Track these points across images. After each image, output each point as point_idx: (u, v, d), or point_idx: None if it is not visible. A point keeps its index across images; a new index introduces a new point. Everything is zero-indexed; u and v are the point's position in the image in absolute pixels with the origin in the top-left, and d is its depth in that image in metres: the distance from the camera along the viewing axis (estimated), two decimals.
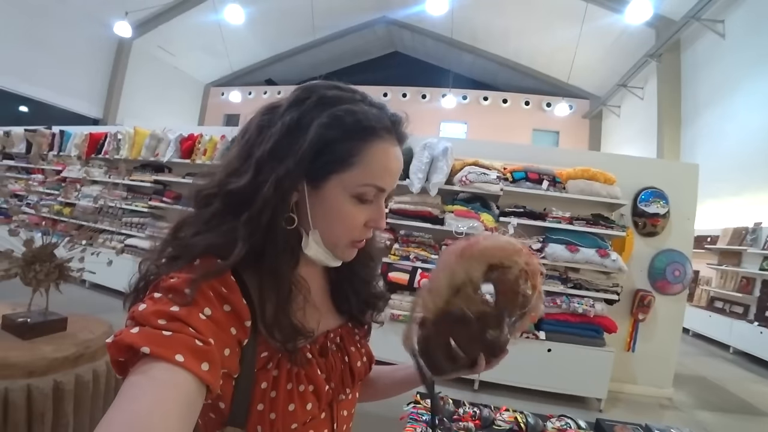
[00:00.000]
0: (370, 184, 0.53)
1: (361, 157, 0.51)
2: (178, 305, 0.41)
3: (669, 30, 7.50)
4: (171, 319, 0.40)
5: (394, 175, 0.56)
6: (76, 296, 4.26)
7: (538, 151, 4.80)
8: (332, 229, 0.54)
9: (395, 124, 0.55)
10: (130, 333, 0.38)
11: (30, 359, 1.50)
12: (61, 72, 9.42)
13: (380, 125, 0.53)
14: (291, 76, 13.88)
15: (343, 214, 0.53)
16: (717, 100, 7.00)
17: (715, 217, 6.58)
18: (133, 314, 0.41)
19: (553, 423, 1.39)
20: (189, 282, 0.43)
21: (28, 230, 1.82)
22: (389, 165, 0.54)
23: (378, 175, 0.53)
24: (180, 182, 4.60)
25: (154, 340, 0.37)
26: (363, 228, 0.55)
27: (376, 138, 0.52)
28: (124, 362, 0.38)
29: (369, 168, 0.52)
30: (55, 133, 5.62)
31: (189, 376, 0.37)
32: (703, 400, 3.66)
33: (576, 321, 3.21)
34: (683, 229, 3.63)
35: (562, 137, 11.68)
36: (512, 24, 9.98)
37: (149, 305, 0.41)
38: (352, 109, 0.51)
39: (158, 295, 0.43)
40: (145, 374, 0.36)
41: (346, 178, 0.52)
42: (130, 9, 9.16)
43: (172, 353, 0.37)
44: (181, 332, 0.39)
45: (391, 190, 0.56)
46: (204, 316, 0.42)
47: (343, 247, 0.56)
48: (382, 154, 0.53)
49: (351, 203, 0.53)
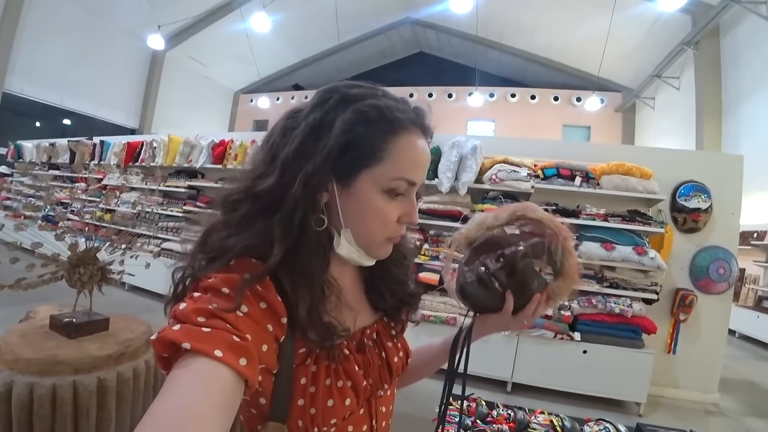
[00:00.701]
0: (402, 178, 0.52)
1: (389, 151, 0.51)
2: (216, 303, 0.43)
3: (707, 15, 7.13)
4: (210, 317, 0.41)
5: (423, 167, 0.55)
6: (116, 298, 4.47)
7: (570, 146, 4.66)
8: (366, 226, 0.54)
9: (419, 116, 0.55)
10: (172, 330, 0.40)
11: (76, 357, 1.57)
12: (101, 85, 9.95)
13: (405, 116, 0.53)
14: (318, 80, 14.08)
15: (377, 210, 0.53)
16: (761, 88, 6.58)
17: (762, 211, 6.19)
18: (174, 313, 0.43)
19: (591, 427, 1.34)
20: (227, 282, 0.45)
21: (73, 235, 1.91)
22: (418, 157, 0.54)
23: (408, 168, 0.53)
24: (213, 187, 4.74)
25: (195, 336, 0.39)
26: (396, 224, 0.55)
27: (402, 130, 0.52)
28: (167, 358, 0.40)
29: (398, 161, 0.52)
30: (95, 144, 5.92)
31: (227, 371, 0.38)
32: (752, 407, 3.45)
33: (613, 321, 3.09)
34: (727, 224, 3.44)
35: (594, 132, 11.31)
36: (540, 18, 9.75)
37: (189, 304, 0.43)
38: (376, 103, 0.51)
39: (197, 294, 0.45)
40: (187, 368, 0.37)
41: (376, 172, 0.51)
42: (162, 22, 9.56)
43: (211, 348, 0.38)
44: (220, 329, 0.40)
45: (421, 183, 0.56)
46: (241, 313, 0.43)
47: (378, 244, 0.55)
48: (411, 146, 0.53)
49: (383, 198, 0.53)
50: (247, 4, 9.97)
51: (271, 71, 13.73)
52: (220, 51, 11.78)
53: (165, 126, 10.56)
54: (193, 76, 12.31)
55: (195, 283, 0.48)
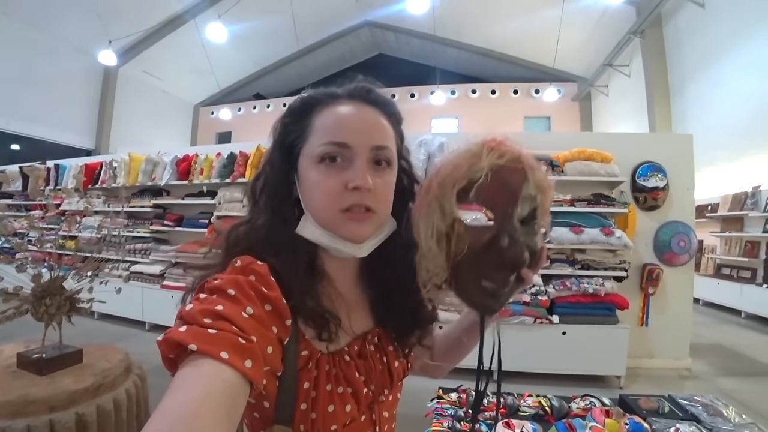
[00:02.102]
0: (327, 142, 0.53)
1: (313, 126, 0.55)
2: (222, 305, 0.43)
3: (649, 5, 7.52)
4: (216, 318, 0.41)
5: (352, 128, 0.53)
6: (87, 328, 4.27)
7: (532, 137, 4.81)
8: (315, 202, 0.54)
9: (356, 90, 0.58)
10: (179, 331, 0.40)
11: (51, 394, 1.50)
12: (50, 106, 9.43)
13: (327, 95, 0.57)
14: (279, 88, 13.92)
15: (316, 181, 0.53)
16: (703, 70, 7.02)
17: (713, 185, 6.58)
18: (180, 314, 0.43)
19: (578, 403, 1.39)
20: (233, 283, 0.46)
21: (35, 266, 1.82)
22: (344, 119, 0.54)
23: (332, 132, 0.53)
24: (180, 204, 4.61)
25: (201, 338, 0.39)
26: (345, 192, 0.52)
27: (323, 105, 0.56)
28: (173, 359, 0.40)
29: (322, 129, 0.54)
30: (50, 168, 5.63)
31: (233, 372, 0.39)
32: (722, 368, 3.66)
33: (588, 301, 3.21)
34: (684, 199, 3.64)
35: (554, 122, 11.69)
36: (494, 13, 9.99)
37: (195, 305, 0.43)
38: (301, 95, 0.58)
39: (203, 295, 0.46)
40: (194, 369, 0.38)
41: (307, 149, 0.55)
42: (113, 37, 9.18)
43: (217, 350, 0.38)
44: (226, 330, 0.40)
45: (364, 146, 0.53)
46: (246, 315, 0.44)
47: (335, 219, 0.53)
48: (332, 112, 0.55)
49: (319, 169, 0.53)
50: (201, 15, 9.74)
51: (231, 82, 13.46)
52: (176, 64, 11.44)
53: (124, 145, 10.12)
54: (150, 92, 11.89)
55: (201, 284, 0.48)
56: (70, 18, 8.73)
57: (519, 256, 0.52)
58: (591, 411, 1.30)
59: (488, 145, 0.52)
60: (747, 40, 6.03)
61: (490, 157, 0.51)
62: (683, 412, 1.34)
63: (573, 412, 1.35)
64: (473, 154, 0.52)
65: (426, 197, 0.53)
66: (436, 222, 0.52)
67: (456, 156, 0.54)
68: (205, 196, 4.43)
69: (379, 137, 0.55)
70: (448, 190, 0.52)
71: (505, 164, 0.51)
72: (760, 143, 5.90)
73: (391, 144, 0.56)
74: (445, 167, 0.54)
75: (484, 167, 0.50)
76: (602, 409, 1.31)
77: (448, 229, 0.52)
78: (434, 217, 0.52)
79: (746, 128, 6.10)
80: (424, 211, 0.53)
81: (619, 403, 1.42)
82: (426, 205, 0.53)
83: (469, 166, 0.51)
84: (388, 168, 0.56)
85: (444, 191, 0.52)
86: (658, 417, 1.29)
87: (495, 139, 0.54)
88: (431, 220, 0.52)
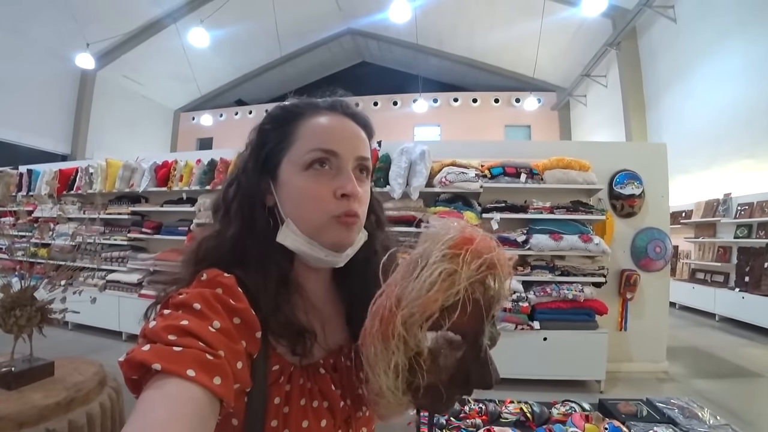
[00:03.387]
0: (315, 149, 0.53)
1: (297, 133, 0.54)
2: (187, 320, 0.41)
3: (624, 19, 7.78)
4: (181, 334, 0.40)
5: (340, 138, 0.54)
6: (61, 339, 4.12)
7: (513, 145, 4.90)
8: (301, 209, 0.53)
9: (337, 103, 0.58)
10: (142, 350, 0.38)
11: (19, 409, 1.44)
12: (23, 110, 9.13)
13: (309, 105, 0.57)
14: (261, 94, 13.83)
15: (303, 188, 0.53)
16: (676, 82, 7.27)
17: (687, 193, 6.81)
18: (144, 332, 0.41)
19: (558, 409, 1.41)
20: (199, 297, 0.44)
21: (4, 275, 1.75)
22: (331, 128, 0.55)
23: (320, 139, 0.53)
24: (158, 211, 4.51)
25: (165, 356, 0.37)
26: (334, 199, 0.52)
27: (307, 113, 0.56)
28: (137, 380, 0.38)
29: (308, 136, 0.54)
30: (23, 173, 5.45)
31: (201, 391, 0.37)
32: (697, 369, 3.76)
33: (567, 307, 3.26)
34: (659, 206, 3.75)
35: (534, 130, 11.93)
36: (475, 24, 10.19)
37: (159, 322, 0.42)
38: (281, 104, 0.57)
39: (168, 311, 0.44)
40: (158, 390, 0.36)
41: (292, 155, 0.54)
42: (91, 40, 8.98)
43: (183, 368, 0.37)
44: (192, 347, 0.39)
45: (351, 156, 0.54)
46: (213, 329, 0.42)
47: (324, 226, 0.52)
48: (318, 121, 0.55)
49: (306, 176, 0.53)
50: (182, 19, 9.62)
51: (212, 87, 13.30)
52: (156, 69, 11.25)
53: (101, 150, 9.87)
54: (129, 96, 11.64)
55: (165, 300, 0.47)
56: (44, 20, 8.49)
57: (489, 379, 0.47)
58: (571, 416, 1.32)
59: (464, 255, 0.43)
60: (717, 52, 6.29)
61: (468, 269, 0.42)
62: (661, 415, 1.37)
63: (554, 418, 1.36)
64: (448, 274, 0.42)
65: (385, 328, 0.44)
66: (398, 359, 0.44)
67: (424, 276, 0.43)
68: (184, 203, 4.34)
69: (362, 148, 0.56)
70: (416, 328, 0.43)
71: (479, 275, 0.43)
72: (730, 152, 6.13)
73: (369, 156, 0.58)
74: (410, 296, 0.43)
75: (460, 289, 0.42)
76: (582, 414, 1.32)
77: (411, 363, 0.45)
78: (396, 356, 0.44)
79: (718, 138, 6.34)
80: (381, 345, 0.44)
81: (599, 407, 1.44)
82: (384, 340, 0.44)
83: (445, 293, 0.42)
84: (367, 178, 0.58)
85: (411, 330, 0.43)
86: (637, 421, 1.32)
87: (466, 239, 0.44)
88: (390, 358, 0.44)
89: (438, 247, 0.44)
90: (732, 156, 6.11)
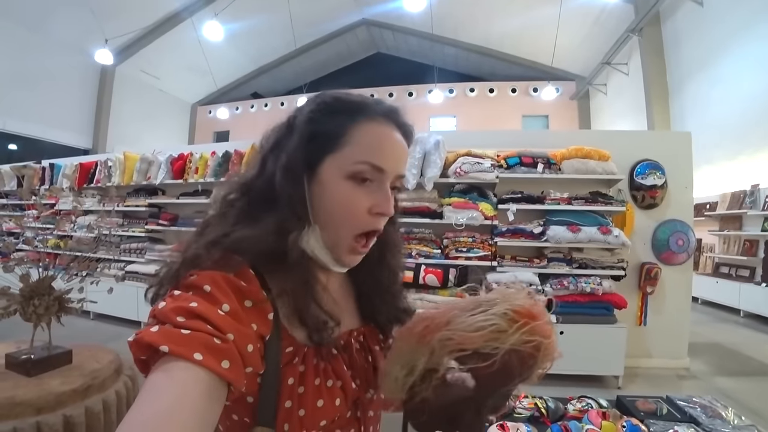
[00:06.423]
0: (365, 161, 0.50)
1: (351, 135, 0.51)
2: (196, 302, 0.41)
3: (647, 3, 7.50)
4: (190, 316, 0.40)
5: (391, 154, 0.52)
6: (81, 327, 4.25)
7: (530, 135, 4.79)
8: (333, 217, 0.51)
9: (390, 110, 0.55)
10: (150, 332, 0.38)
11: (37, 395, 1.47)
12: (47, 105, 9.40)
13: (369, 105, 0.53)
14: (277, 87, 13.90)
15: (342, 196, 0.51)
16: (702, 69, 7.00)
17: (712, 184, 6.57)
18: (153, 312, 0.41)
19: (574, 405, 1.37)
20: (210, 279, 0.44)
21: (27, 266, 1.79)
22: (384, 143, 0.52)
23: (371, 153, 0.51)
24: (174, 203, 4.57)
25: (173, 339, 0.37)
26: (367, 216, 0.51)
27: (365, 117, 0.52)
28: (146, 360, 0.38)
29: (361, 145, 0.51)
30: (44, 167, 5.59)
31: (208, 375, 0.37)
32: (720, 367, 3.64)
33: (585, 301, 3.19)
34: (682, 198, 3.62)
35: (552, 120, 11.68)
36: (491, 11, 9.98)
37: (169, 303, 0.42)
38: (338, 95, 0.53)
39: (178, 292, 0.44)
40: (165, 373, 0.36)
41: (339, 158, 0.51)
42: (109, 36, 9.14)
43: (190, 352, 0.37)
44: (200, 330, 0.39)
45: (394, 174, 0.53)
46: (222, 312, 0.42)
47: (345, 243, 0.52)
48: (374, 131, 0.52)
49: (348, 185, 0.51)
50: (198, 13, 9.70)
51: (229, 81, 13.43)
52: (173, 63, 11.41)
53: (121, 144, 10.06)
54: (148, 90, 11.84)
55: (176, 281, 0.46)
56: (65, 16, 8.70)
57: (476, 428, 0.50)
58: (588, 413, 1.28)
59: (520, 324, 0.45)
60: (746, 38, 6.02)
61: (516, 337, 0.44)
62: (682, 414, 1.32)
63: (569, 414, 1.32)
64: (498, 330, 0.45)
65: (425, 334, 0.48)
66: (417, 362, 0.48)
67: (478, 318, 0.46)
68: (200, 195, 4.39)
69: (403, 166, 0.55)
70: (447, 350, 0.47)
71: (521, 348, 0.45)
72: (758, 142, 5.89)
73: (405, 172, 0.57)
74: (458, 326, 0.47)
75: (501, 349, 0.44)
76: (599, 411, 1.28)
77: (424, 373, 0.49)
78: (417, 359, 0.48)
79: (745, 127, 6.09)
80: (414, 344, 0.49)
81: (617, 404, 1.39)
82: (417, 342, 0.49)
83: (485, 341, 0.45)
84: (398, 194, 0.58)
85: (442, 349, 0.47)
86: (656, 419, 1.27)
87: (532, 314, 0.47)
88: (413, 357, 0.49)
89: (504, 305, 0.47)
90: (760, 145, 5.86)
